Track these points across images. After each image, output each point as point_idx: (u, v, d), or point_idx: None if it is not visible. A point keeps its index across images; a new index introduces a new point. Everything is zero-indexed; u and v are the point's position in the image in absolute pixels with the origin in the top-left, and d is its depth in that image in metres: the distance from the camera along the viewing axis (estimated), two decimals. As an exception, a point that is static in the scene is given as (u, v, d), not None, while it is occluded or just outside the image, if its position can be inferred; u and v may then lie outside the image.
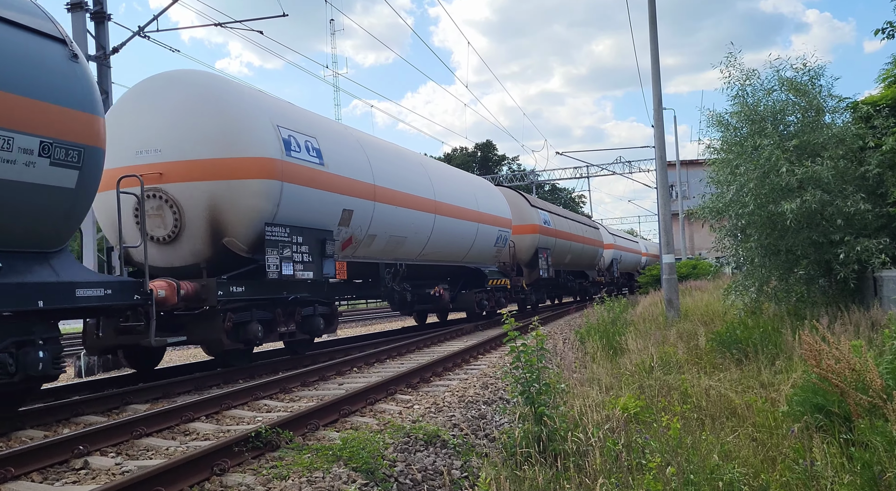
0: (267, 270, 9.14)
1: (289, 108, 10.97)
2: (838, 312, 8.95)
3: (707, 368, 7.65)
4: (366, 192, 11.58)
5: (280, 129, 9.71)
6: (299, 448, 5.03)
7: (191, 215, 8.99)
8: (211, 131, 9.02)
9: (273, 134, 9.51)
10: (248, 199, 9.07)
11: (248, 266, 9.32)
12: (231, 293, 8.90)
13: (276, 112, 10.04)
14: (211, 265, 9.01)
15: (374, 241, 12.17)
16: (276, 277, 9.33)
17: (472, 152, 71.83)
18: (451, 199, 15.17)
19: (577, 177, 45.32)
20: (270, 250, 9.22)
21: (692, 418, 5.27)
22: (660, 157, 15.23)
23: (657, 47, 14.68)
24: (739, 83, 11.40)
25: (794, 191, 9.93)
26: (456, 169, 18.55)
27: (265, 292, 9.53)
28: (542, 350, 5.32)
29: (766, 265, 11.12)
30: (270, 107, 10.12)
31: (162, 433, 5.91)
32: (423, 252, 14.28)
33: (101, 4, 13.43)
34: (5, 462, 4.60)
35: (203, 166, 8.98)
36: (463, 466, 5.05)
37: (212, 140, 9.00)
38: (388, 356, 11.07)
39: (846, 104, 11.17)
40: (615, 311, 14.01)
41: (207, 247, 9.10)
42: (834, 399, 4.58)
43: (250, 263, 9.33)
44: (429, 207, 13.99)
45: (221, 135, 9.03)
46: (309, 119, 11.09)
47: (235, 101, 9.43)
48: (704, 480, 3.69)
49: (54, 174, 6.29)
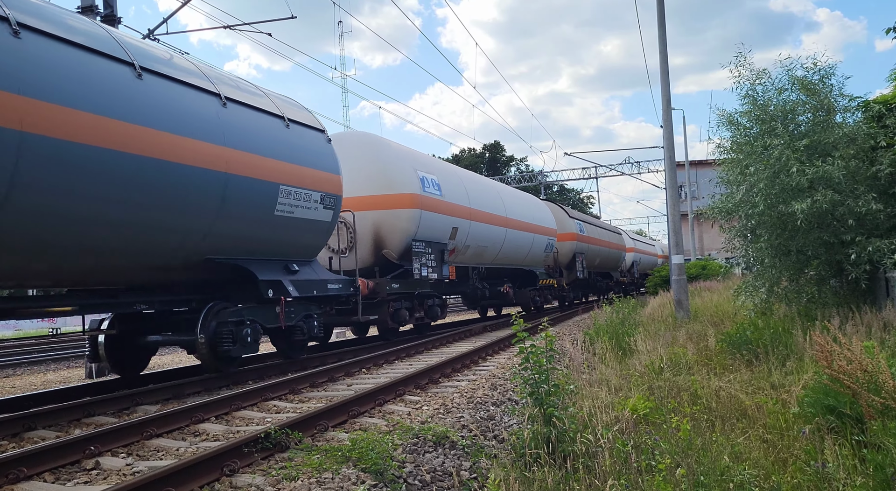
0: (413, 272, 13.18)
1: (420, 155, 15.39)
2: (850, 312, 8.88)
3: (717, 369, 7.62)
4: (465, 214, 15.56)
5: (417, 172, 13.76)
6: (308, 449, 5.04)
7: (361, 234, 13.06)
8: (374, 176, 13.12)
9: (414, 176, 13.53)
10: (401, 223, 13.12)
11: (397, 270, 13.31)
12: (392, 289, 12.77)
13: (414, 160, 14.27)
14: (374, 269, 13.13)
15: (467, 251, 16.07)
16: (418, 277, 13.34)
17: (481, 153, 71.78)
18: (516, 215, 19.06)
19: (585, 177, 45.21)
20: (415, 258, 13.25)
21: (702, 420, 5.25)
22: (669, 157, 15.17)
23: (665, 47, 14.64)
24: (749, 83, 11.35)
25: (804, 191, 9.86)
26: (516, 190, 22.30)
27: (409, 288, 13.41)
28: (552, 351, 5.31)
29: (776, 266, 11.05)
30: (410, 156, 14.33)
31: (172, 434, 5.94)
32: (496, 258, 18.05)
33: (111, 8, 13.52)
34: (18, 462, 4.64)
35: (370, 200, 13.11)
36: (472, 467, 5.05)
37: (375, 182, 13.10)
38: (396, 357, 11.08)
39: (857, 103, 11.07)
40: (624, 311, 13.97)
41: (371, 256, 13.19)
42: (846, 400, 4.54)
43: (399, 268, 13.31)
44: (502, 223, 17.83)
45: (384, 178, 13.15)
46: (432, 162, 15.70)
47: (391, 155, 13.54)
48: (715, 481, 3.67)
49: (324, 213, 10.26)
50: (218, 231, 8.25)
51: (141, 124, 7.08)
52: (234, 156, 8.29)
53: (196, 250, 8.14)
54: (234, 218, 8.41)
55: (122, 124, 6.85)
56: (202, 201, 7.87)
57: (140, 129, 7.04)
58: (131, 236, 7.20)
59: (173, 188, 7.44)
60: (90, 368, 11.70)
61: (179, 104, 7.71)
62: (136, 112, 7.05)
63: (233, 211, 8.34)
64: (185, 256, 8.06)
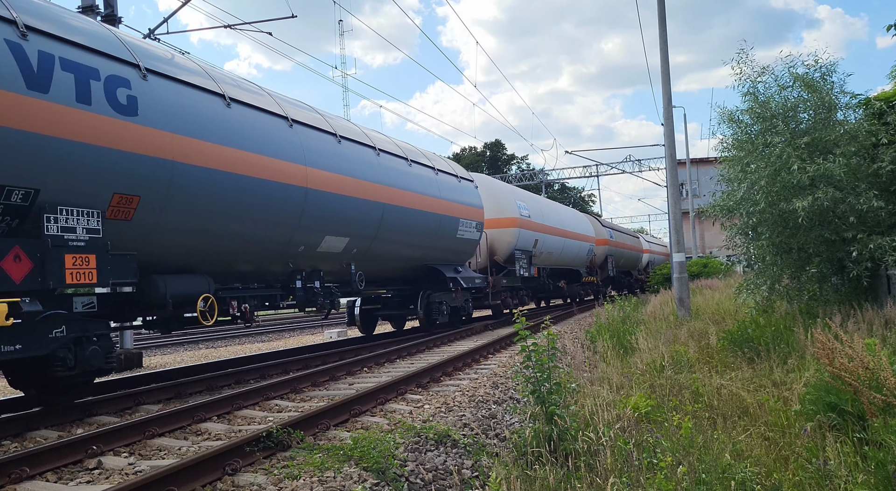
0: (517, 271, 18.57)
1: (514, 188, 21.96)
2: (851, 310, 8.87)
3: (718, 366, 7.61)
4: (541, 229, 20.92)
5: (516, 201, 19.37)
6: (310, 448, 5.05)
7: (481, 246, 17.60)
8: (490, 206, 17.78)
9: (514, 204, 19.09)
10: (507, 237, 18.58)
11: (504, 270, 18.46)
12: (503, 283, 17.95)
13: (513, 192, 20.32)
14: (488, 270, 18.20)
15: (541, 256, 21.25)
16: (518, 275, 18.72)
17: (482, 152, 71.73)
18: (569, 227, 24.81)
19: (586, 176, 45.22)
20: (516, 262, 18.61)
21: (704, 418, 5.25)
22: (670, 155, 15.16)
23: (666, 45, 14.62)
24: (751, 80, 11.33)
25: (805, 188, 9.84)
26: (566, 207, 28.64)
27: (512, 283, 18.66)
28: (554, 350, 5.31)
29: (777, 263, 11.04)
30: (510, 189, 20.70)
31: (174, 433, 5.95)
32: (557, 260, 23.48)
33: (112, 7, 13.52)
34: (21, 462, 4.65)
35: (488, 222, 17.46)
36: (473, 466, 5.05)
37: (492, 210, 17.91)
38: (398, 356, 11.09)
39: (859, 100, 11.05)
40: (625, 310, 13.96)
41: (485, 261, 18.38)
42: (847, 398, 4.54)
43: (505, 269, 18.49)
44: (561, 234, 23.49)
45: (496, 207, 18.35)
46: (521, 192, 21.76)
47: (499, 189, 19.45)
48: (716, 479, 3.67)
49: (475, 235, 16.01)
50: (434, 248, 14.13)
51: (408, 190, 13.04)
52: (444, 205, 14.24)
53: (423, 260, 14.07)
54: (441, 239, 14.28)
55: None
56: (433, 233, 13.89)
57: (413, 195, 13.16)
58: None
59: (438, 231, 14.08)
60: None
61: (417, 175, 13.66)
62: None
63: (442, 235, 14.22)
64: (416, 264, 13.91)
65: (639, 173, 44.62)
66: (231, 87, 8.81)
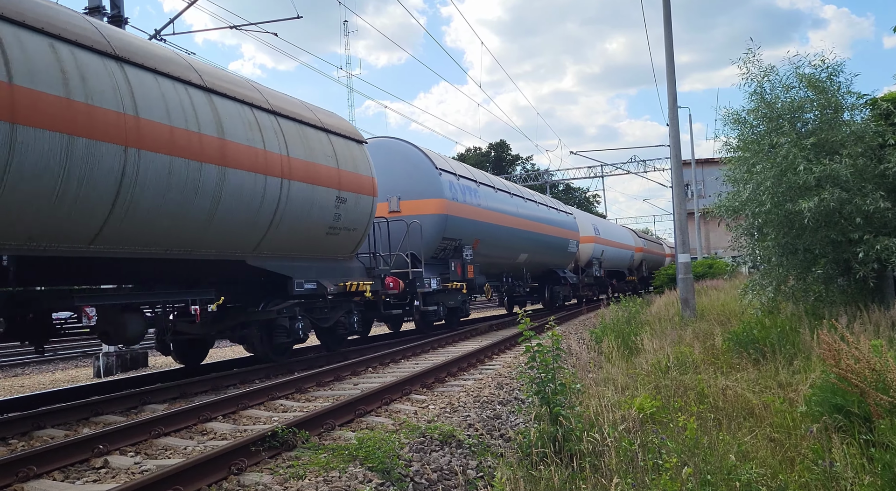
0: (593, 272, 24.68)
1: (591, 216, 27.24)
2: (857, 311, 8.84)
3: (724, 367, 7.59)
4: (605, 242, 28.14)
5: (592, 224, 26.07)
6: (315, 448, 5.06)
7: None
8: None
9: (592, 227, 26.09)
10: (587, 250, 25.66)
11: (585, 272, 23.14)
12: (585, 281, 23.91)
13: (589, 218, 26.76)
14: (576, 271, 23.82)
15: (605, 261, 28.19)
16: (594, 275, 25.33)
17: (486, 152, 71.70)
18: (620, 239, 31.61)
19: (591, 176, 45.21)
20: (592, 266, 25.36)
21: (709, 418, 5.24)
22: (675, 155, 15.14)
23: (672, 45, 14.60)
24: (757, 80, 11.29)
25: (811, 189, 9.81)
26: (616, 224, 38.46)
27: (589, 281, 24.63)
28: (558, 350, 5.31)
29: (783, 264, 11.00)
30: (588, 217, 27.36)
31: (180, 433, 5.96)
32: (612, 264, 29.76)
33: (118, 8, 13.56)
34: (27, 461, 4.67)
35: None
36: (478, 466, 5.06)
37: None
38: (402, 356, 11.09)
39: (865, 101, 11.00)
40: (630, 310, 13.94)
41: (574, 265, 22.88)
42: (853, 399, 4.53)
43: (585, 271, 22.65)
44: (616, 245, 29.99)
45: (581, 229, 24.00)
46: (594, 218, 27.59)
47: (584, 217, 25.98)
48: (721, 480, 3.67)
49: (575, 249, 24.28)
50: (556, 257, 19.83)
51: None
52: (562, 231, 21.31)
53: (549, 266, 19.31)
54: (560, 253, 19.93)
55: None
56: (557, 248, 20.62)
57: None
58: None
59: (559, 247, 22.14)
60: (97, 366, 11.75)
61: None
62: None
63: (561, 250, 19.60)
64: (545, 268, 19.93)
65: (643, 174, 44.61)
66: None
